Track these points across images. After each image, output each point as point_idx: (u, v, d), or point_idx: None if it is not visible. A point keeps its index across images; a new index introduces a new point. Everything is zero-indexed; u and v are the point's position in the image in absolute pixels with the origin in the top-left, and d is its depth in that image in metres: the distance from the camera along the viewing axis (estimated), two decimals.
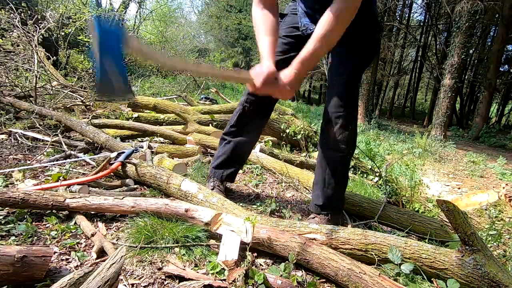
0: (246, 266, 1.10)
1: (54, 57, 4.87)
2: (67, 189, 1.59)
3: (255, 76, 1.16)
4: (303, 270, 1.18)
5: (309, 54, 1.18)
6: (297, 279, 1.08)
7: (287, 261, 1.14)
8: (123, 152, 1.89)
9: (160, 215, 1.33)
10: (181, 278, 1.04)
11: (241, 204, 1.70)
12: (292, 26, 1.52)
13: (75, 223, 1.34)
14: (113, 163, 1.82)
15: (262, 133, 3.37)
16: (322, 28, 1.16)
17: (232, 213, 1.37)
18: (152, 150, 2.47)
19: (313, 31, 1.33)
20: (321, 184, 1.53)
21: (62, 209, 1.39)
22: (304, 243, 1.11)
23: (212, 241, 1.28)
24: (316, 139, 3.15)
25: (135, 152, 1.93)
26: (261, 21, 1.30)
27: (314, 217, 1.54)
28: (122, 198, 1.41)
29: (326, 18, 1.15)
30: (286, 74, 1.19)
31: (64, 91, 4.08)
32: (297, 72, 1.19)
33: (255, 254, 1.25)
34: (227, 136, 1.71)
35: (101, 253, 1.16)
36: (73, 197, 1.39)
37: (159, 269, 1.09)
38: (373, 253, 1.19)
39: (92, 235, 1.23)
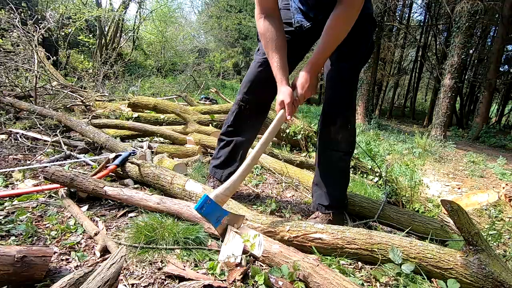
0: (247, 266, 1.10)
1: (54, 57, 4.88)
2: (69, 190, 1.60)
3: (283, 107, 1.28)
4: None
5: (321, 59, 1.31)
6: (300, 285, 1.06)
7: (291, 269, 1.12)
8: (120, 155, 1.89)
9: (180, 216, 1.36)
10: (181, 278, 1.04)
11: (242, 204, 1.69)
12: (285, 21, 1.50)
13: (75, 223, 1.34)
14: (108, 166, 1.82)
15: (260, 132, 3.38)
16: (331, 31, 1.23)
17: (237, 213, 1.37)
18: (152, 150, 2.47)
19: (308, 27, 1.36)
20: (323, 184, 1.53)
21: (99, 195, 1.54)
22: (317, 265, 1.08)
23: (213, 242, 1.28)
24: (316, 139, 3.15)
25: (133, 155, 1.93)
26: (268, 35, 1.29)
27: (316, 217, 1.54)
28: (151, 194, 1.50)
29: (333, 21, 1.21)
30: (303, 84, 1.31)
31: (64, 91, 4.08)
32: (312, 75, 1.31)
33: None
34: (224, 137, 1.70)
35: (105, 252, 1.16)
36: (111, 186, 1.54)
37: (159, 269, 1.09)
38: (379, 253, 1.19)
39: (95, 234, 1.23)
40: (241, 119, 1.63)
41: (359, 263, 1.23)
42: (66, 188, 1.59)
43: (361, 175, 2.68)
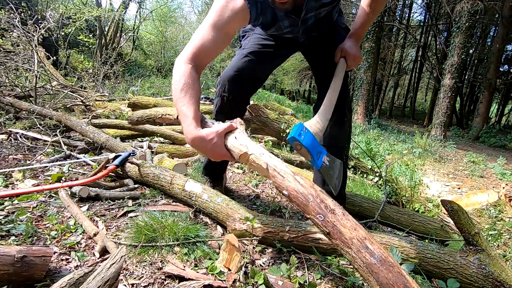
0: (246, 266, 1.10)
1: (54, 57, 4.88)
2: (69, 190, 1.60)
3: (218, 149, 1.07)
4: (302, 269, 1.18)
5: (365, 31, 1.40)
6: (299, 281, 1.07)
7: (289, 264, 1.13)
8: (120, 155, 1.89)
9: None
10: (181, 278, 1.04)
11: (242, 204, 1.69)
12: (272, 34, 1.47)
13: (75, 223, 1.34)
14: (107, 166, 1.82)
15: (261, 132, 3.37)
16: (373, 3, 1.30)
17: (237, 213, 1.37)
18: (152, 150, 2.47)
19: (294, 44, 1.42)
20: (320, 183, 1.53)
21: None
22: None
23: (213, 241, 1.28)
24: None
25: (133, 155, 1.93)
26: (190, 84, 1.10)
27: None
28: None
29: None
30: (356, 56, 1.35)
31: (64, 91, 4.08)
32: (358, 42, 1.37)
33: (256, 250, 1.25)
34: None
35: (104, 252, 1.16)
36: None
37: (159, 269, 1.09)
38: None
39: (95, 234, 1.23)
40: (223, 112, 1.53)
41: None
42: (66, 188, 1.59)
43: (361, 175, 2.68)
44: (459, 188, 4.08)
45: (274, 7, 1.16)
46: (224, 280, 1.05)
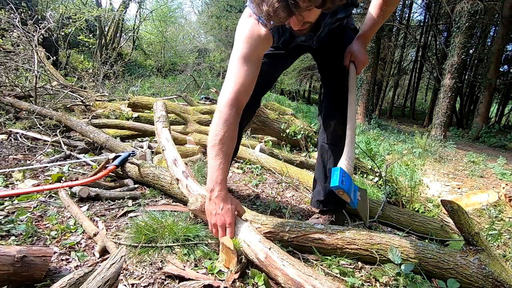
0: (246, 266, 1.10)
1: (54, 57, 4.88)
2: (69, 190, 1.60)
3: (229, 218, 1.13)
4: None
5: (373, 33, 1.41)
6: None
7: None
8: (120, 155, 1.89)
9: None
10: (181, 278, 1.04)
11: (241, 204, 1.69)
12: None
13: (75, 223, 1.34)
14: (107, 166, 1.82)
15: (261, 132, 3.37)
16: (384, 6, 1.29)
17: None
18: (152, 150, 2.47)
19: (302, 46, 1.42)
20: (322, 180, 1.53)
21: None
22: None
23: (213, 241, 1.28)
24: (316, 139, 3.15)
25: (132, 156, 1.93)
26: (229, 133, 1.14)
27: (318, 217, 1.54)
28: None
29: None
30: (363, 60, 1.36)
31: (64, 91, 4.08)
32: (365, 44, 1.38)
33: None
34: None
35: (104, 252, 1.16)
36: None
37: (159, 269, 1.09)
38: (379, 253, 1.19)
39: (95, 234, 1.23)
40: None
41: (359, 263, 1.23)
42: (66, 188, 1.59)
43: (361, 175, 2.68)
44: (459, 188, 4.08)
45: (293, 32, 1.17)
46: (224, 280, 1.05)
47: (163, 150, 1.63)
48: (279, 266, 0.97)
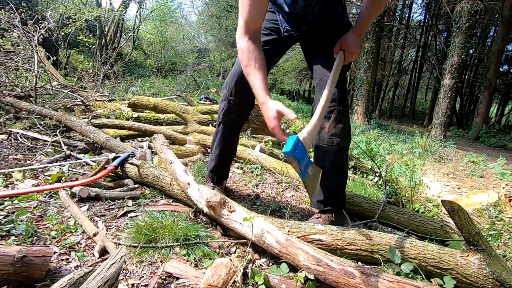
0: (246, 266, 1.10)
1: (54, 57, 4.87)
2: (69, 190, 1.60)
3: (277, 122, 1.20)
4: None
5: (368, 25, 1.45)
6: (299, 280, 1.07)
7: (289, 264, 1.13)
8: (119, 156, 1.89)
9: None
10: (181, 278, 1.04)
11: (242, 204, 1.69)
12: (272, 21, 1.51)
13: (75, 223, 1.34)
14: (106, 167, 1.82)
15: (261, 132, 3.37)
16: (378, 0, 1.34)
17: None
18: (152, 150, 2.47)
19: (296, 37, 1.46)
20: (321, 180, 1.53)
21: None
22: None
23: (213, 241, 1.28)
24: None
25: (132, 156, 1.93)
26: (252, 55, 1.25)
27: (318, 218, 1.54)
28: None
29: None
30: (356, 48, 1.37)
31: (64, 91, 4.08)
32: (360, 37, 1.40)
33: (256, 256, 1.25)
34: (215, 138, 1.67)
35: (104, 252, 1.16)
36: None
37: (159, 268, 1.09)
38: (379, 253, 1.19)
39: (95, 234, 1.23)
40: (229, 116, 1.57)
41: (359, 263, 1.23)
42: (66, 188, 1.59)
43: (361, 175, 2.68)
44: (459, 188, 4.08)
45: None
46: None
47: (170, 163, 1.66)
48: (299, 246, 1.11)
